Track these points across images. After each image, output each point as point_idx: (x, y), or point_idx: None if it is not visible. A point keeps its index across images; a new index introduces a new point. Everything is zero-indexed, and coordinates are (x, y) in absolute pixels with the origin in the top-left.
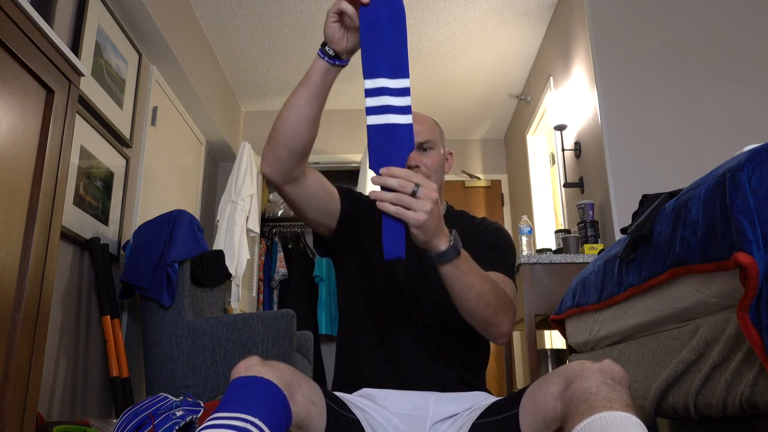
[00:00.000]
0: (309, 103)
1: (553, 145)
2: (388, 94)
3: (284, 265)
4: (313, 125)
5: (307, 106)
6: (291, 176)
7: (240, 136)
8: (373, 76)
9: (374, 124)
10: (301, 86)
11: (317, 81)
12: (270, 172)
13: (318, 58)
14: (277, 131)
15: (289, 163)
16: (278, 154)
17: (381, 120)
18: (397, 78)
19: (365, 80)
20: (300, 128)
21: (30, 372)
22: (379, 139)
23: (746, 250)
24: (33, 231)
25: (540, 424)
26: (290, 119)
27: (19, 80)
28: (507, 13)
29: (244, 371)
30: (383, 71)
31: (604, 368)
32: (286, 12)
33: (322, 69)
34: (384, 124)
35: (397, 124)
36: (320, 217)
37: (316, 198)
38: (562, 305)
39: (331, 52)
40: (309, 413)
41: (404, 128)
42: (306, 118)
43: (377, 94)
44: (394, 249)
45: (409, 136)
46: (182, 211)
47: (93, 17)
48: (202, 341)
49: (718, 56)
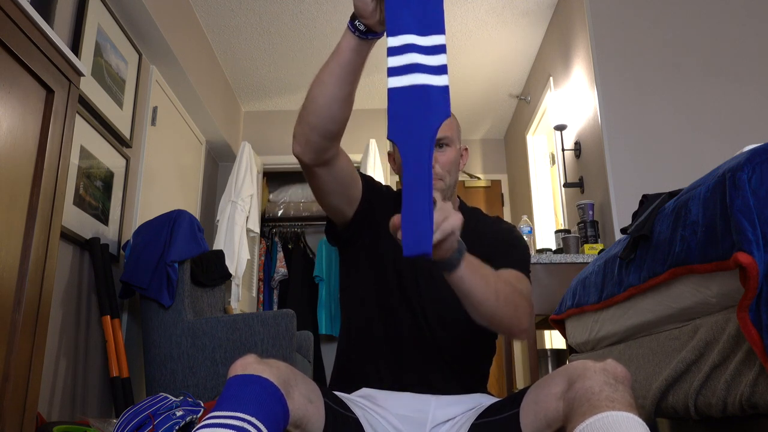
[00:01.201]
0: (339, 82)
1: (553, 145)
2: (417, 51)
3: (284, 265)
4: (346, 105)
5: (337, 86)
6: (323, 158)
7: (240, 136)
8: (399, 32)
9: (398, 86)
10: (331, 63)
11: (348, 58)
12: (302, 152)
13: (348, 33)
14: (308, 111)
15: (322, 144)
16: (309, 136)
17: (408, 81)
18: (430, 34)
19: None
20: (332, 110)
21: (30, 372)
22: (404, 104)
23: (746, 250)
24: (33, 231)
25: (542, 423)
26: (320, 100)
27: (19, 80)
28: (507, 13)
29: (241, 369)
30: (412, 26)
31: (606, 368)
32: (286, 12)
33: (352, 45)
34: (411, 85)
35: (429, 86)
36: (341, 202)
37: (344, 183)
38: (562, 305)
39: (362, 27)
40: (307, 412)
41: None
42: (337, 99)
43: (403, 52)
44: (417, 245)
45: (445, 100)
46: (182, 211)
47: (93, 17)
48: (202, 341)
49: (718, 56)
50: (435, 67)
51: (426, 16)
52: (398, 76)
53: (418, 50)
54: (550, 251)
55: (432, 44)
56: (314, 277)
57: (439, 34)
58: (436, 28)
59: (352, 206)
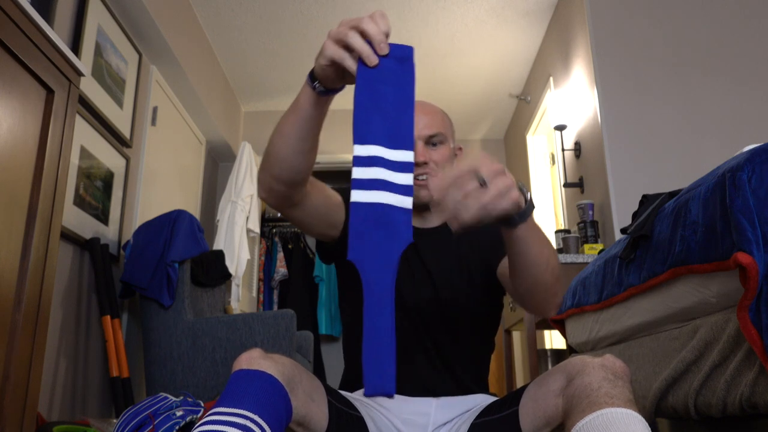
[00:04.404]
0: (302, 134)
1: (553, 145)
2: (384, 166)
3: (284, 265)
4: (310, 156)
5: (299, 139)
6: (291, 202)
7: (240, 136)
8: (367, 141)
9: (362, 201)
10: (291, 116)
11: (309, 113)
12: (267, 198)
13: (307, 88)
14: (270, 163)
15: (287, 192)
16: (273, 185)
17: (372, 198)
18: (398, 149)
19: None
20: (295, 162)
21: (30, 372)
22: (367, 222)
23: (746, 250)
24: (33, 231)
25: (541, 421)
26: (282, 153)
27: (19, 80)
28: (507, 13)
29: (246, 364)
30: (380, 138)
31: (605, 363)
32: (286, 12)
33: (312, 100)
34: (376, 203)
35: (393, 207)
36: (324, 229)
37: (320, 214)
38: (562, 305)
39: (317, 86)
40: (310, 410)
41: (402, 214)
42: (301, 151)
43: (369, 164)
44: (381, 385)
45: (407, 226)
46: (182, 211)
47: (93, 17)
48: (202, 341)
49: (718, 56)
50: (401, 186)
51: (396, 127)
52: (363, 190)
53: (385, 165)
54: None
55: (400, 160)
56: (314, 277)
57: (408, 150)
58: (405, 143)
59: (336, 228)
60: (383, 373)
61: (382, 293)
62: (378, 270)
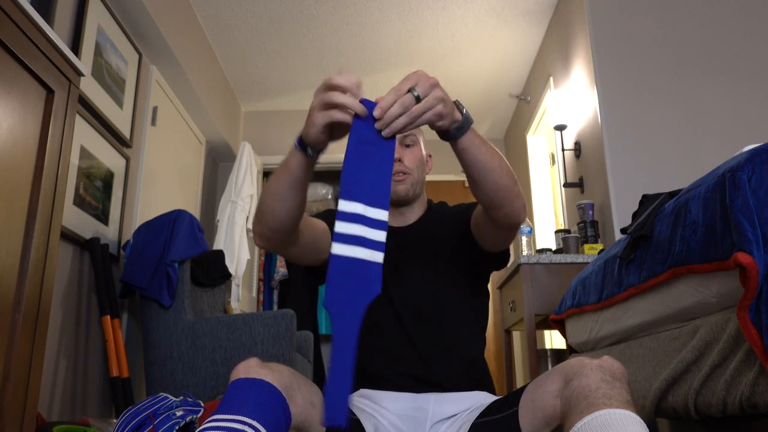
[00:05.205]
0: (293, 194)
1: (553, 145)
2: (363, 223)
3: (284, 265)
4: (301, 206)
5: (292, 197)
6: (288, 243)
7: (240, 136)
8: (352, 197)
9: (341, 255)
10: (282, 177)
11: (300, 174)
12: (266, 246)
13: (297, 152)
14: (266, 218)
15: (283, 239)
16: (269, 235)
17: (350, 252)
18: (376, 207)
19: (341, 200)
20: (289, 214)
21: (30, 372)
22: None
23: (746, 250)
24: (33, 231)
25: (540, 422)
26: (276, 210)
27: (19, 80)
28: (507, 13)
29: (243, 373)
30: (362, 195)
31: (603, 365)
32: (286, 12)
33: (303, 163)
34: (353, 258)
35: (368, 262)
36: (317, 256)
37: (312, 247)
38: (562, 305)
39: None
40: (308, 415)
41: (374, 268)
42: (294, 206)
43: (351, 221)
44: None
45: (377, 279)
46: (182, 211)
47: (93, 17)
48: (202, 341)
49: (718, 56)
50: (376, 242)
51: (376, 185)
52: (343, 244)
53: (364, 222)
54: (550, 251)
55: (376, 218)
56: None
57: (383, 209)
58: (381, 202)
59: (326, 252)
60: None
61: (347, 339)
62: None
